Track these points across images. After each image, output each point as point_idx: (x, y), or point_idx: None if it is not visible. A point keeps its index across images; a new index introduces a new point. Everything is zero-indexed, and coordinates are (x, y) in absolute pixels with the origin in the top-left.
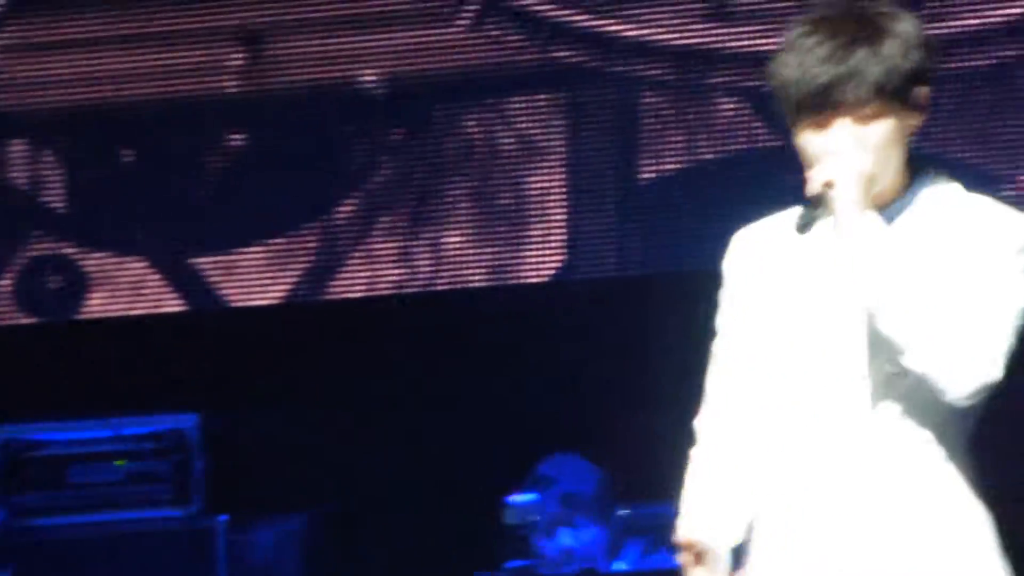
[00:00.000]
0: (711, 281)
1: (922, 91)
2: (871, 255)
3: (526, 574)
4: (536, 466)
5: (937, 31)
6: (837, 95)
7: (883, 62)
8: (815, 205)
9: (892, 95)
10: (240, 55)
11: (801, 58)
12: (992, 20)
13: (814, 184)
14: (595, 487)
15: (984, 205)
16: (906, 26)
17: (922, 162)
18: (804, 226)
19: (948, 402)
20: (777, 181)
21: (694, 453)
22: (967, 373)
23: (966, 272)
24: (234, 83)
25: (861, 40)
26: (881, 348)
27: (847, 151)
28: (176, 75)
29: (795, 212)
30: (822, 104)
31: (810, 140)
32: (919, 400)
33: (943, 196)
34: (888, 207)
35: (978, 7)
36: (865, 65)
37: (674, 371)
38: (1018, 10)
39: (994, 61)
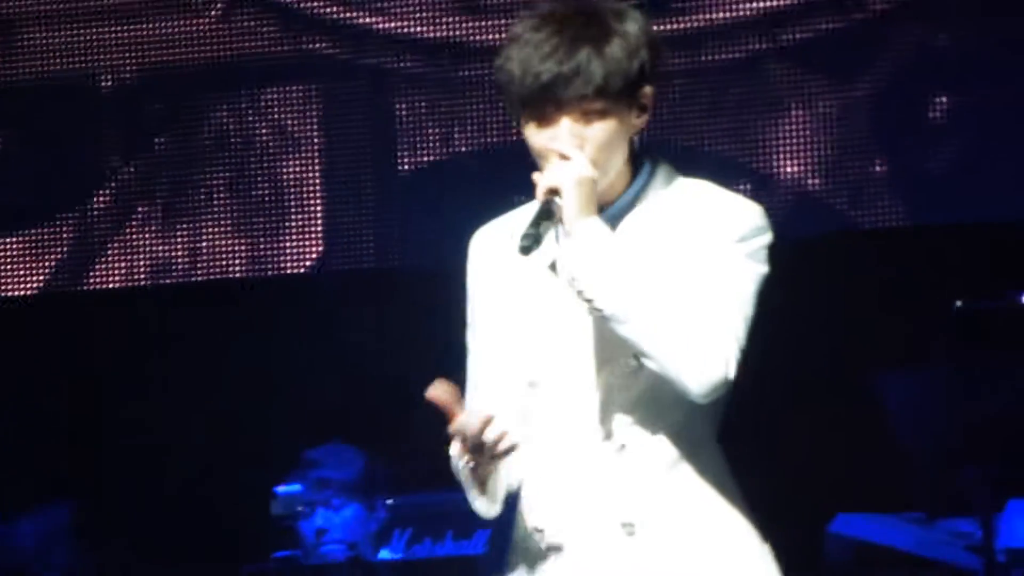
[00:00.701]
0: (464, 275)
1: (647, 91)
2: (599, 262)
3: (292, 564)
4: (302, 453)
5: (689, 24)
6: (559, 92)
7: (606, 62)
8: (541, 214)
9: (615, 95)
10: None
11: (525, 53)
12: (743, 13)
13: (539, 191)
14: (357, 472)
15: (705, 193)
16: (633, 25)
17: (644, 155)
18: (527, 248)
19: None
20: (530, 175)
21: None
22: (703, 372)
23: (693, 267)
24: None
25: (585, 39)
26: (619, 346)
27: (569, 152)
28: None
29: (531, 207)
30: (544, 101)
31: (533, 135)
32: (661, 392)
33: (665, 187)
34: (611, 205)
35: (727, 1)
36: (588, 64)
37: (444, 364)
38: (768, 3)
39: (746, 54)
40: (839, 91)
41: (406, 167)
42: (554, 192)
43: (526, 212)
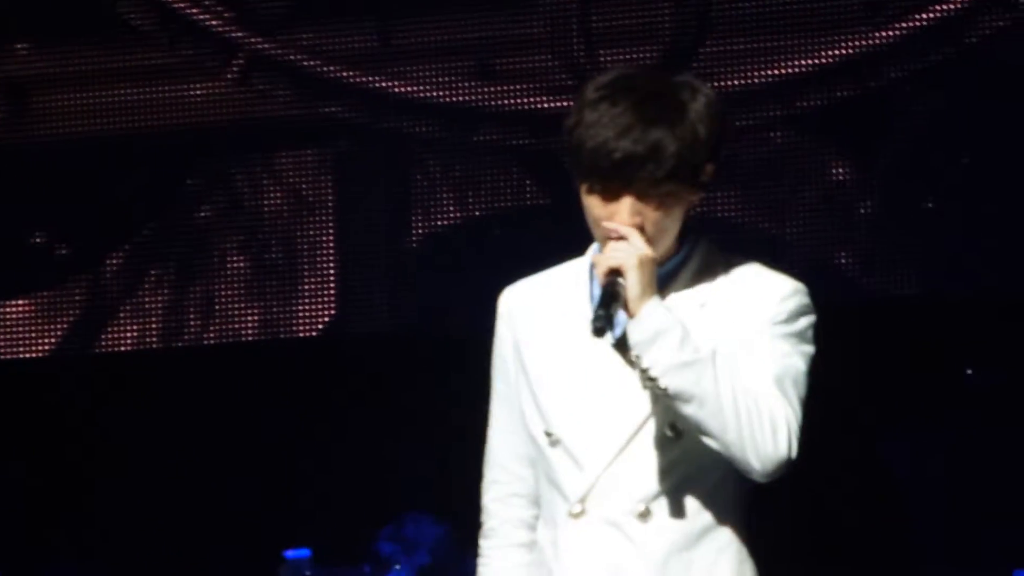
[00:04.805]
0: (480, 339)
1: (709, 169)
2: (664, 342)
3: None
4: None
5: None
6: (630, 172)
7: (680, 145)
8: (606, 296)
9: (683, 177)
10: (4, 107)
11: (599, 126)
12: (757, 80)
13: (600, 271)
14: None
15: (750, 272)
16: (706, 101)
17: (689, 229)
18: (600, 329)
19: (750, 477)
20: (545, 237)
21: (482, 543)
22: (769, 453)
23: (746, 347)
24: None
25: (662, 119)
26: (656, 414)
27: (627, 234)
28: None
29: (562, 269)
30: (614, 177)
31: (595, 206)
32: (694, 463)
33: (707, 261)
34: (658, 270)
35: (743, 68)
36: (662, 147)
37: (442, 427)
38: (783, 71)
39: (759, 121)
40: (854, 160)
41: (420, 231)
42: (616, 272)
43: (555, 273)
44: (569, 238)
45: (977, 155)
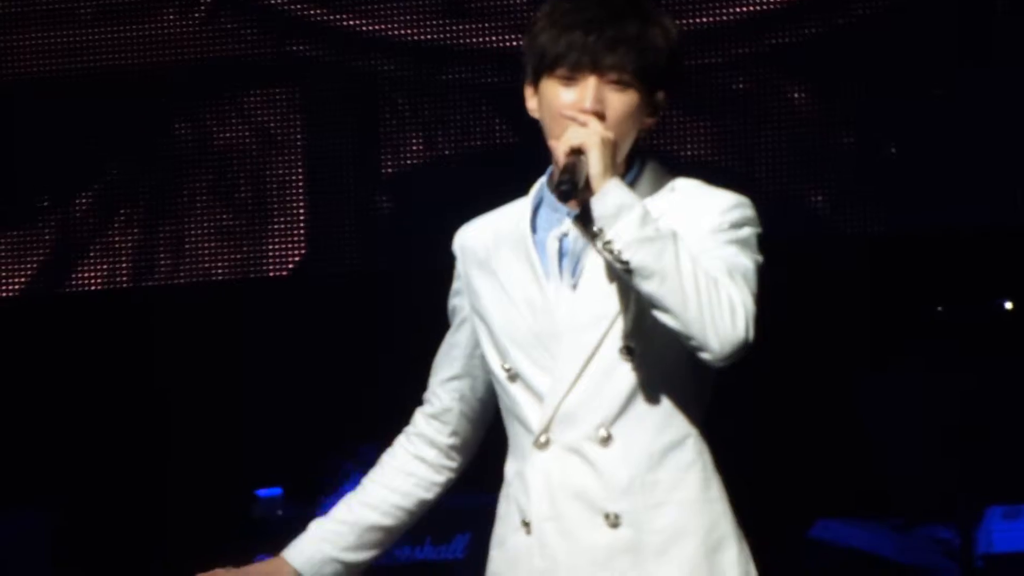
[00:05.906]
0: (448, 277)
1: (662, 96)
2: (627, 216)
3: None
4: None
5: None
6: (600, 54)
7: (646, 43)
8: (564, 172)
9: (646, 79)
10: None
11: (568, 20)
12: (725, 17)
13: (561, 149)
14: None
15: (695, 188)
16: (671, 25)
17: (636, 154)
18: (567, 193)
19: (706, 362)
20: (514, 176)
21: (397, 440)
22: (728, 331)
23: (701, 242)
24: None
25: (631, 16)
26: (606, 336)
27: (588, 121)
28: None
29: (510, 207)
30: (580, 61)
31: (558, 95)
32: (650, 382)
33: (655, 182)
34: None
35: (712, 5)
36: (630, 38)
37: (415, 364)
38: (752, 7)
39: (727, 58)
40: (822, 97)
41: (389, 170)
42: (577, 151)
43: (503, 211)
44: (537, 178)
45: (945, 93)
